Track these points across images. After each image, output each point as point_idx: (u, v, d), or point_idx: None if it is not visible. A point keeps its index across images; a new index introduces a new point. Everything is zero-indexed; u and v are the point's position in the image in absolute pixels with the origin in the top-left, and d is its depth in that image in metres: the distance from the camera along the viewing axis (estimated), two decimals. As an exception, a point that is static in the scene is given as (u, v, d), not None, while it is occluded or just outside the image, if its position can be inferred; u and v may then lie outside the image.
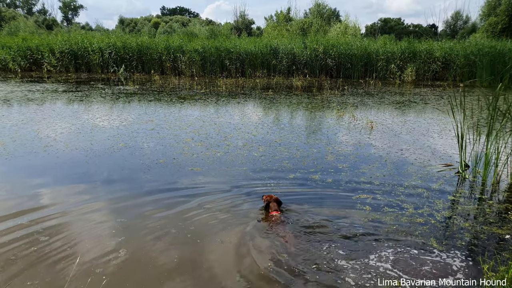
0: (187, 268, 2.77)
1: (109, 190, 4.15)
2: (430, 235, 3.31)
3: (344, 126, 7.77)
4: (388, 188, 4.39)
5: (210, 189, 4.24)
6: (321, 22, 29.58)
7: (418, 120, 8.68)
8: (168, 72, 18.79)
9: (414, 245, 3.13)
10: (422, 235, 3.31)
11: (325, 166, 5.07)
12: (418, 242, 3.19)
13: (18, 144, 5.76)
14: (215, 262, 2.87)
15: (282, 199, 3.97)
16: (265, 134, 6.86)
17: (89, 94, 11.49)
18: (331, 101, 11.26)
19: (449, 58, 18.61)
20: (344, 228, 3.42)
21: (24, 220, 3.40)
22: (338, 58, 18.85)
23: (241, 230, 3.34)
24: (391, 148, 6.13)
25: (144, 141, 6.13)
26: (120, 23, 55.49)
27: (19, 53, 18.27)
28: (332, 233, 3.31)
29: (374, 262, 2.86)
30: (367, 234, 3.32)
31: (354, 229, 3.39)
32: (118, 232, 3.22)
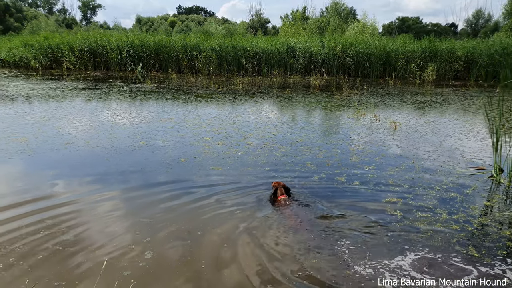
0: (214, 270, 2.65)
1: (131, 189, 4.07)
2: (469, 243, 3.11)
3: (367, 126, 7.55)
4: (418, 192, 4.18)
5: (234, 189, 4.12)
6: (339, 20, 29.19)
7: (443, 121, 8.38)
8: (185, 70, 18.82)
9: (452, 254, 2.94)
10: (460, 243, 3.11)
11: (350, 168, 4.89)
12: (457, 250, 3.00)
13: (40, 141, 5.78)
14: (240, 264, 2.75)
15: (308, 201, 3.82)
16: (285, 134, 6.72)
17: (108, 92, 11.55)
18: (351, 101, 11.02)
19: (472, 58, 18.06)
20: (376, 234, 3.25)
21: (48, 218, 3.35)
22: (356, 57, 18.52)
23: (269, 232, 3.21)
24: (418, 150, 5.90)
25: (164, 139, 6.07)
26: (137, 22, 56.10)
27: (41, 51, 18.61)
28: (364, 239, 3.14)
29: (410, 271, 2.69)
30: (401, 240, 3.14)
31: (386, 236, 3.21)
32: (143, 232, 3.13)
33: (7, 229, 3.15)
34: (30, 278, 2.47)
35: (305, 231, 3.25)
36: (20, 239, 3.00)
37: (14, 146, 5.48)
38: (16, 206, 3.57)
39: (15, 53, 18.86)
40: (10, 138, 5.87)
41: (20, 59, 18.79)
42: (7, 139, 5.84)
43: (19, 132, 6.26)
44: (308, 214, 3.57)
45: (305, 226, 3.33)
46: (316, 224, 3.38)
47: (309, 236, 3.18)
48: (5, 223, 3.24)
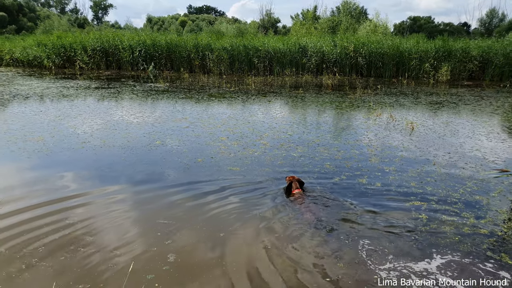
0: (239, 273, 2.59)
1: (150, 190, 4.03)
2: (500, 249, 2.99)
3: (383, 127, 7.42)
4: (442, 195, 4.06)
5: (252, 190, 4.06)
6: (351, 20, 28.93)
7: (461, 122, 8.19)
8: (196, 70, 18.82)
9: (484, 260, 2.83)
10: (491, 249, 2.99)
11: (370, 169, 4.78)
12: (488, 256, 2.88)
13: (56, 140, 5.79)
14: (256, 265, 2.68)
15: (329, 203, 3.74)
16: (301, 134, 6.62)
17: (121, 91, 11.59)
18: (366, 101, 10.86)
19: (487, 57, 17.70)
20: (402, 237, 3.14)
21: (67, 218, 3.33)
22: (369, 57, 18.31)
23: (291, 234, 3.13)
24: (438, 151, 5.76)
25: (180, 139, 6.03)
26: (148, 21, 56.45)
27: (54, 50, 18.78)
28: (389, 242, 3.05)
29: (440, 276, 2.59)
30: (428, 244, 3.04)
31: (412, 240, 3.11)
32: (164, 234, 3.08)
33: (27, 229, 3.13)
34: (55, 281, 2.44)
35: (325, 232, 3.17)
36: (40, 240, 2.97)
37: (32, 145, 5.49)
38: (37, 207, 3.55)
39: (29, 52, 19.07)
40: (27, 137, 5.89)
41: (33, 58, 18.99)
42: (24, 138, 5.87)
43: (36, 131, 6.28)
44: (327, 214, 3.50)
45: (320, 217, 3.46)
46: (338, 226, 3.30)
47: (330, 239, 3.09)
48: (26, 223, 3.22)
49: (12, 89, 11.19)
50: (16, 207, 3.52)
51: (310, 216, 3.48)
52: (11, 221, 3.25)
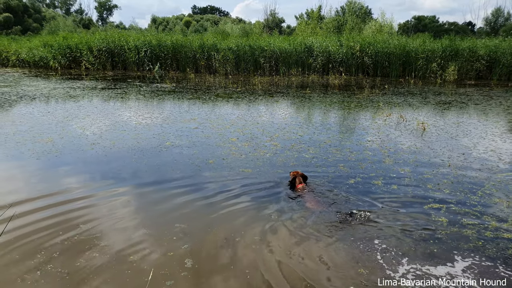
0: (259, 280, 2.51)
1: (162, 192, 3.97)
2: (527, 255, 2.89)
3: (394, 127, 7.32)
4: (461, 197, 3.97)
5: (266, 192, 3.99)
6: (356, 19, 28.78)
7: (472, 122, 8.06)
8: (202, 70, 18.78)
9: (510, 266, 2.73)
10: (517, 254, 2.90)
11: (385, 171, 4.69)
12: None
13: (65, 141, 5.74)
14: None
15: (345, 207, 3.66)
16: (312, 135, 6.54)
17: (128, 92, 11.56)
18: (374, 101, 10.76)
19: (494, 57, 17.51)
20: (422, 242, 3.05)
21: (82, 223, 3.27)
22: (375, 56, 18.18)
23: (309, 238, 3.05)
24: (452, 152, 5.65)
25: (190, 140, 5.96)
26: (152, 22, 56.53)
27: (60, 51, 18.80)
28: (409, 247, 2.96)
29: (466, 283, 2.50)
30: (450, 249, 2.94)
31: (434, 245, 3.02)
32: (180, 239, 3.00)
33: (37, 232, 3.07)
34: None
35: (341, 235, 3.09)
36: (52, 244, 2.91)
37: (41, 146, 5.45)
38: (47, 208, 3.50)
39: (35, 53, 19.10)
40: (36, 139, 5.85)
41: (39, 59, 19.01)
42: (33, 139, 5.82)
43: (44, 133, 6.24)
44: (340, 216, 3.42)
45: (323, 210, 3.61)
46: (354, 229, 3.21)
47: (345, 243, 3.01)
48: (36, 225, 3.16)
49: (19, 90, 11.19)
50: (26, 208, 3.46)
51: (313, 206, 3.69)
52: (21, 222, 3.19)
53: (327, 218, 3.44)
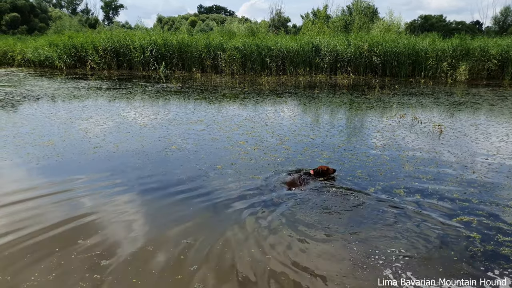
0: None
1: (167, 200, 3.69)
2: None
3: (409, 129, 6.99)
4: (492, 208, 3.64)
5: (278, 201, 3.68)
6: (364, 18, 28.38)
7: (491, 124, 7.70)
8: (208, 70, 18.53)
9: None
10: None
11: (406, 178, 4.37)
12: None
13: (67, 144, 5.49)
14: None
15: (366, 222, 3.37)
16: (324, 138, 6.23)
17: (133, 92, 11.32)
18: (385, 101, 10.42)
19: (506, 56, 17.06)
20: (453, 261, 2.74)
21: (84, 232, 3.00)
22: (383, 56, 17.81)
23: (323, 254, 2.76)
24: (474, 157, 5.31)
25: (197, 143, 5.68)
26: (158, 21, 56.42)
27: (65, 50, 18.69)
28: (439, 268, 2.65)
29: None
30: (487, 271, 2.63)
31: (467, 265, 2.71)
32: (187, 257, 2.72)
33: (36, 242, 2.81)
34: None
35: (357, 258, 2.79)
36: (52, 253, 2.65)
37: (41, 150, 5.20)
38: (47, 217, 3.24)
39: (40, 52, 19.01)
40: (37, 142, 5.60)
41: (45, 59, 18.92)
42: (34, 142, 5.58)
43: (46, 135, 6.00)
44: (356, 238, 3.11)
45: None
46: (376, 250, 2.91)
47: (366, 262, 2.71)
48: (34, 236, 2.90)
49: (23, 90, 11.00)
50: (23, 216, 3.21)
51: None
52: (19, 234, 2.93)
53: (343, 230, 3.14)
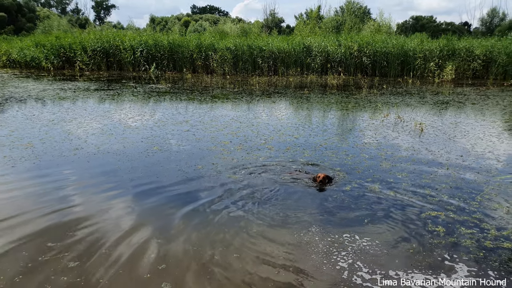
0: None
1: (143, 201, 3.73)
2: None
3: (392, 128, 7.14)
4: (460, 203, 3.78)
5: (257, 202, 3.78)
6: (355, 19, 28.62)
7: (470, 122, 7.89)
8: (199, 70, 18.58)
9: None
10: (520, 267, 2.71)
11: (382, 175, 4.50)
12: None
13: (47, 146, 5.46)
14: None
15: (340, 215, 3.49)
16: (308, 137, 6.35)
17: (121, 93, 11.35)
18: (372, 101, 10.59)
19: (490, 56, 17.40)
20: (418, 254, 2.87)
21: (53, 234, 3.07)
22: (373, 56, 18.04)
23: (309, 257, 2.86)
24: (450, 154, 5.47)
25: (179, 144, 5.76)
26: (151, 21, 56.22)
27: (52, 51, 18.51)
28: (404, 260, 2.77)
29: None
30: (448, 262, 2.75)
31: (429, 257, 2.84)
32: (160, 257, 2.78)
33: (13, 250, 2.88)
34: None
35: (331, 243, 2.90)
36: (30, 261, 2.72)
37: (19, 152, 5.13)
38: (18, 223, 3.30)
39: (26, 53, 18.72)
40: (15, 144, 5.54)
41: (31, 60, 18.65)
42: (12, 144, 5.51)
43: (25, 137, 5.93)
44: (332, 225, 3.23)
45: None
46: (347, 238, 3.03)
47: (335, 252, 2.82)
48: (11, 243, 2.97)
49: (5, 92, 10.91)
50: None
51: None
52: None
53: (320, 232, 3.26)
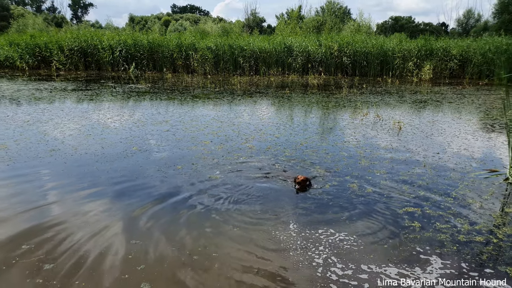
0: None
1: (121, 202, 3.66)
2: (501, 260, 2.80)
3: (371, 127, 7.26)
4: (436, 199, 3.87)
5: (235, 201, 3.77)
6: (335, 19, 28.95)
7: (447, 121, 8.11)
8: (180, 70, 18.41)
9: (483, 271, 2.63)
10: (491, 259, 2.80)
11: (361, 173, 4.57)
12: (488, 266, 2.68)
13: (22, 148, 5.30)
14: None
15: (319, 216, 3.52)
16: (289, 136, 6.38)
17: (100, 93, 11.12)
18: (352, 100, 10.73)
19: (466, 56, 17.96)
20: (395, 249, 2.92)
21: (28, 237, 2.98)
22: (353, 56, 18.31)
23: (279, 256, 2.87)
24: (427, 152, 5.61)
25: (159, 144, 5.69)
26: (130, 21, 55.31)
27: (27, 50, 17.98)
28: (382, 255, 2.82)
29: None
30: (423, 256, 2.82)
31: (406, 251, 2.89)
32: (137, 258, 2.74)
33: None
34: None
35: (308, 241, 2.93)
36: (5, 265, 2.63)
37: (-8, 154, 4.97)
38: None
39: (0, 52, 18.17)
40: (-12, 146, 5.36)
41: (5, 59, 18.04)
42: (-15, 146, 5.34)
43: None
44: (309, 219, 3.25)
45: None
46: (326, 234, 3.05)
47: (314, 247, 2.85)
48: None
49: (-22, 93, 10.54)
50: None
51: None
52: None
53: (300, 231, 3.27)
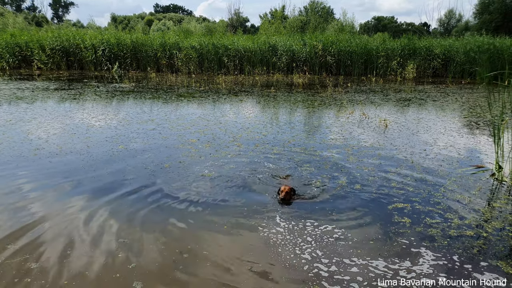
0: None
1: (109, 202, 3.57)
2: (491, 254, 2.83)
3: (357, 125, 7.31)
4: (424, 195, 3.91)
5: (226, 199, 3.72)
6: (319, 19, 29.16)
7: (432, 118, 8.24)
8: (164, 69, 18.19)
9: (476, 265, 2.65)
10: (481, 253, 2.83)
11: (349, 170, 4.58)
12: (480, 260, 2.71)
13: (5, 147, 5.15)
14: None
15: (308, 214, 3.50)
16: (276, 134, 6.36)
17: (83, 92, 10.87)
18: (337, 99, 10.80)
19: (449, 55, 18.31)
20: (386, 245, 2.93)
21: (14, 239, 2.85)
22: (337, 55, 18.43)
23: (272, 255, 2.83)
24: (414, 148, 5.67)
25: (145, 142, 5.58)
26: (112, 20, 54.42)
27: (7, 49, 17.50)
28: (373, 251, 2.82)
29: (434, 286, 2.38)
30: (414, 251, 2.83)
31: (397, 247, 2.90)
32: (128, 256, 2.66)
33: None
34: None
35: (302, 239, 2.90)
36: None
37: (-26, 154, 4.83)
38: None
39: (-22, 52, 17.61)
40: (-31, 146, 5.20)
41: (-16, 59, 17.57)
42: (-35, 146, 5.17)
43: (-20, 138, 5.58)
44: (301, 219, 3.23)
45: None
46: (316, 231, 3.04)
47: (308, 246, 2.83)
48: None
49: (-43, 92, 10.17)
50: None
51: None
52: None
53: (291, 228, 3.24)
